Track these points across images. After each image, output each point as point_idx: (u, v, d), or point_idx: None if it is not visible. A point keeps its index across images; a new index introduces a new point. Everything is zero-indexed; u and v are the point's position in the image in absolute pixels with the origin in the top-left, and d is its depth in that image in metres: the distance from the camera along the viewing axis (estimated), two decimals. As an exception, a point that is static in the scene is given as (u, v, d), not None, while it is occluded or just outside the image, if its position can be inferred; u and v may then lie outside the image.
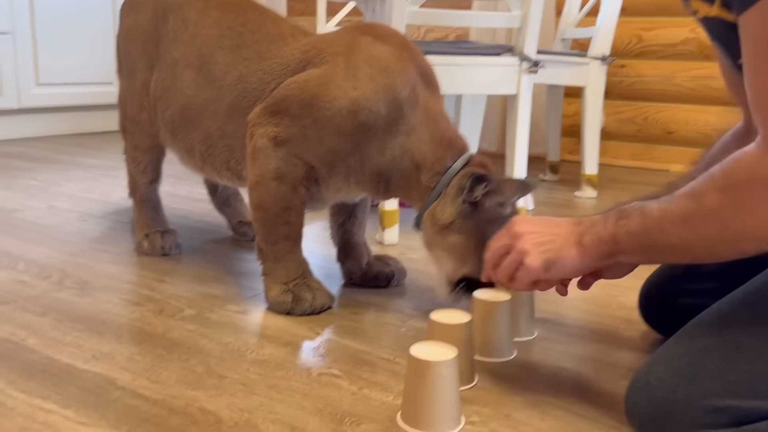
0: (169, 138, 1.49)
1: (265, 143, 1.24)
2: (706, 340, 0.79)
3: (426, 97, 1.24)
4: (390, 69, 1.21)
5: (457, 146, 1.23)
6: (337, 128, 1.20)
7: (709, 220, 0.76)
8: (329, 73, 1.21)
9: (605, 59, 2.33)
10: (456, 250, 1.19)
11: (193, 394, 0.95)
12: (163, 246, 1.58)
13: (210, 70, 1.37)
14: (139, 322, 1.20)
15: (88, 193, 2.23)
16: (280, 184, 1.23)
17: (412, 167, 1.22)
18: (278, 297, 1.25)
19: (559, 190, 2.61)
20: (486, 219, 1.17)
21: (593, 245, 0.87)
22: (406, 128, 1.21)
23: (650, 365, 0.82)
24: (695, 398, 0.75)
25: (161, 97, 1.46)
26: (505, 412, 0.94)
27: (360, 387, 0.99)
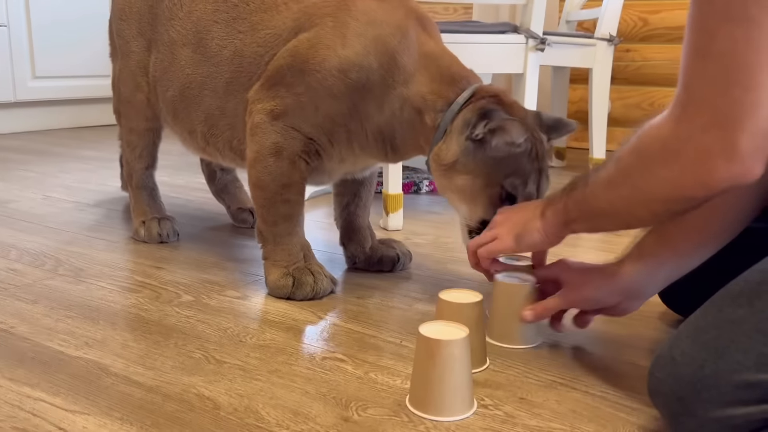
0: (171, 120, 1.44)
1: (262, 118, 1.19)
2: (735, 311, 0.73)
3: (423, 40, 1.18)
4: (378, 20, 1.16)
5: (462, 80, 1.15)
6: (330, 90, 1.15)
7: (624, 181, 0.81)
8: (318, 34, 1.17)
9: (612, 40, 2.27)
10: (465, 191, 1.11)
11: (190, 380, 0.91)
12: (160, 233, 1.53)
13: (206, 45, 1.32)
14: (134, 309, 1.15)
15: (85, 183, 2.18)
16: (278, 159, 1.18)
17: (414, 114, 1.15)
18: (278, 281, 1.20)
19: (566, 176, 2.54)
20: (494, 157, 1.08)
21: (551, 216, 0.95)
22: (404, 77, 1.15)
23: (675, 340, 0.76)
24: (725, 373, 0.70)
25: (161, 78, 1.42)
26: (519, 395, 0.89)
27: (366, 371, 0.94)
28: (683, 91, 0.72)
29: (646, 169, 0.77)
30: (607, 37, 2.27)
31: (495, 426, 0.81)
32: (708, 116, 0.69)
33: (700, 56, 0.70)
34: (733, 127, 0.68)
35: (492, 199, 1.10)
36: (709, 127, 0.69)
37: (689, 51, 0.71)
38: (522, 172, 1.09)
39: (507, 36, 1.76)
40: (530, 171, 1.09)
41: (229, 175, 1.72)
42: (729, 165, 0.69)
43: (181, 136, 1.45)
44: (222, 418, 0.81)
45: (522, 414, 0.84)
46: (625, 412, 0.84)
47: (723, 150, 0.69)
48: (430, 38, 1.20)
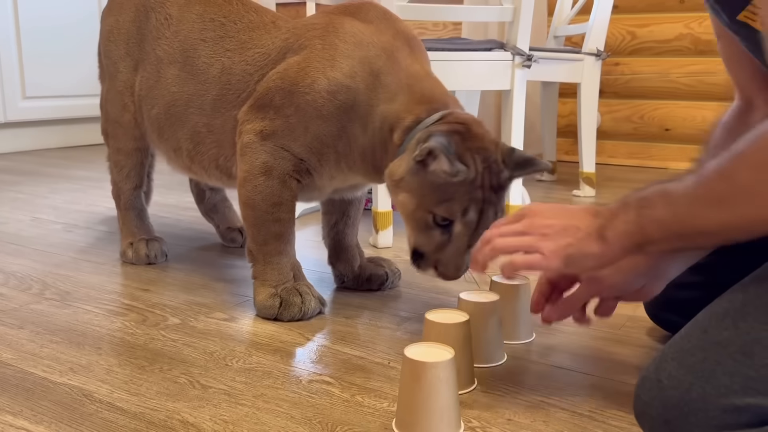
0: (156, 138, 1.44)
1: (251, 138, 1.20)
2: (720, 333, 0.72)
3: (409, 62, 1.18)
4: (364, 42, 1.17)
5: (437, 102, 1.12)
6: (320, 112, 1.15)
7: (747, 199, 0.71)
8: (307, 57, 1.18)
9: (599, 54, 2.29)
10: (403, 209, 1.09)
11: (174, 406, 0.90)
12: (148, 254, 1.52)
13: (193, 64, 1.32)
14: (120, 333, 1.14)
15: (74, 204, 2.17)
16: (268, 178, 1.19)
17: (388, 133, 1.14)
18: (266, 301, 1.19)
19: (557, 189, 2.56)
20: (432, 182, 1.04)
21: (617, 239, 0.80)
22: (387, 95, 1.14)
23: (660, 362, 0.75)
24: (712, 397, 0.69)
25: (146, 96, 1.42)
26: (506, 416, 0.88)
27: (353, 394, 0.94)
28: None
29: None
30: (594, 51, 2.29)
31: (482, 449, 0.80)
32: None
33: None
34: None
35: (420, 224, 1.07)
36: None
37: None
38: (461, 200, 1.04)
39: (493, 53, 1.76)
40: (473, 199, 1.04)
41: (218, 194, 1.72)
42: None
43: (167, 155, 1.45)
44: (206, 445, 0.81)
45: (509, 436, 0.83)
46: (612, 433, 0.84)
47: None
48: (416, 61, 1.20)
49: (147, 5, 1.44)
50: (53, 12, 3.39)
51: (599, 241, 0.81)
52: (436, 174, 1.03)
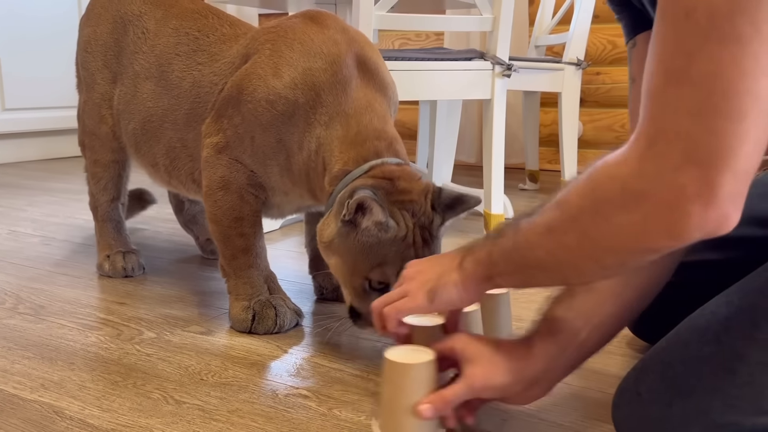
0: (134, 153, 1.43)
1: (209, 152, 1.19)
2: (702, 347, 0.70)
3: (354, 85, 1.10)
4: (313, 52, 1.12)
5: (370, 148, 1.05)
6: (260, 121, 1.13)
7: (570, 227, 0.66)
8: (254, 63, 1.16)
9: (580, 64, 2.30)
10: (336, 272, 1.06)
11: (147, 422, 0.88)
12: (125, 267, 1.50)
13: (168, 78, 1.31)
14: (94, 348, 1.12)
15: (52, 216, 2.14)
16: (226, 193, 1.17)
17: (322, 166, 1.09)
18: (239, 315, 1.18)
19: (540, 198, 2.56)
20: (364, 243, 1.00)
21: (472, 267, 0.77)
22: (325, 118, 1.09)
23: (639, 374, 0.74)
24: (692, 414, 0.67)
25: (124, 111, 1.41)
26: (485, 427, 0.87)
27: (330, 407, 0.92)
28: (650, 123, 0.59)
29: (599, 215, 0.63)
30: (575, 61, 2.30)
31: (460, 462, 0.79)
32: (682, 152, 0.56)
33: (675, 81, 0.57)
34: (715, 165, 0.55)
35: (357, 290, 1.03)
36: (684, 165, 0.56)
37: (659, 77, 0.58)
38: (394, 262, 0.99)
39: (474, 63, 1.76)
40: (405, 259, 0.97)
41: (197, 205, 1.70)
42: (705, 210, 0.56)
43: (146, 170, 1.44)
44: (178, 462, 0.79)
45: (487, 448, 0.82)
46: (592, 443, 0.83)
47: (699, 192, 0.56)
48: (364, 86, 1.12)
49: (125, 18, 1.42)
50: (33, 23, 3.36)
51: (458, 270, 0.79)
52: (367, 233, 0.99)
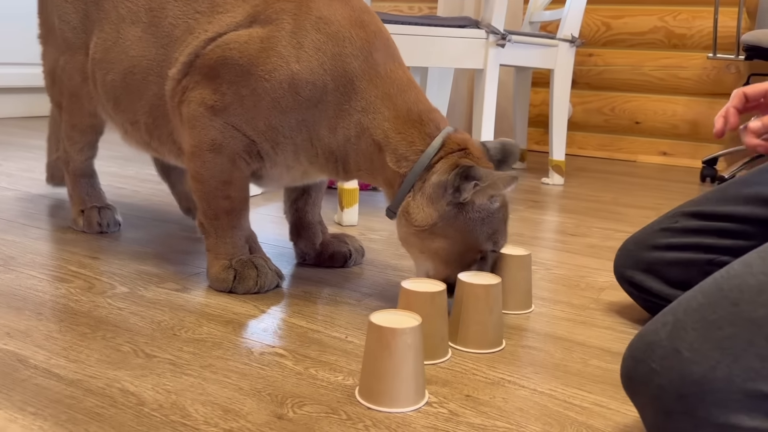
0: (111, 109, 1.31)
1: (201, 111, 1.11)
2: (756, 309, 0.64)
3: (390, 67, 1.09)
4: (341, 35, 1.07)
5: (430, 123, 1.07)
6: (278, 103, 1.07)
7: None
8: (272, 36, 1.08)
9: (574, 41, 2.26)
10: (439, 254, 1.04)
11: (115, 374, 0.84)
12: (100, 222, 1.45)
13: (159, 24, 1.20)
14: (63, 299, 1.08)
15: (29, 172, 2.08)
16: (217, 156, 1.11)
17: (373, 148, 1.08)
18: (219, 274, 1.14)
19: (527, 177, 2.54)
20: (474, 220, 1.02)
21: None
22: (362, 104, 1.07)
23: (675, 329, 0.66)
24: (738, 379, 0.62)
25: (101, 60, 1.29)
26: (465, 392, 0.84)
27: (306, 366, 0.89)
28: None
29: None
30: (569, 38, 2.26)
31: (438, 424, 0.77)
32: None
33: None
34: None
35: (466, 264, 1.04)
36: None
37: None
38: (500, 228, 1.05)
39: (467, 30, 1.72)
40: (505, 222, 1.06)
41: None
42: None
43: (122, 128, 1.33)
44: (145, 414, 0.76)
45: (467, 412, 0.80)
46: (573, 411, 0.81)
47: None
48: (399, 65, 1.11)
49: None
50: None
51: None
52: (480, 208, 1.02)
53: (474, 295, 0.96)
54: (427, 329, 0.91)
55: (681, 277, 1.03)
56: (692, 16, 2.93)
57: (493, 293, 0.96)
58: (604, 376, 0.91)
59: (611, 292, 1.26)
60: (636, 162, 3.09)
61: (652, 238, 1.08)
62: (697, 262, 1.02)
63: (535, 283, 1.28)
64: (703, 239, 1.02)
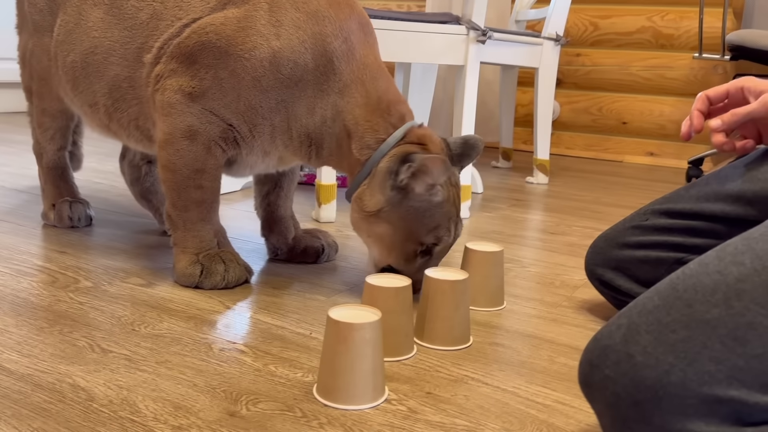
0: (70, 90, 1.28)
1: (178, 98, 1.09)
2: (709, 310, 0.62)
3: (364, 50, 1.10)
4: (320, 15, 1.07)
5: (395, 114, 1.09)
6: (257, 82, 1.06)
7: None
8: (249, 15, 1.07)
9: (559, 39, 2.25)
10: (383, 240, 1.08)
11: (67, 369, 0.82)
12: (71, 216, 1.43)
13: (121, 7, 1.18)
14: (24, 293, 1.06)
15: (5, 166, 2.05)
16: (192, 143, 1.10)
17: (343, 133, 1.09)
18: (186, 269, 1.12)
19: (512, 176, 2.52)
20: (417, 209, 1.05)
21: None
22: (339, 85, 1.07)
23: (629, 333, 0.64)
24: (693, 383, 0.60)
25: (63, 41, 1.27)
26: (426, 389, 0.83)
27: (265, 363, 0.87)
28: None
29: None
30: (554, 36, 2.25)
31: (395, 422, 0.75)
32: None
33: None
34: None
35: (408, 254, 1.07)
36: None
37: None
38: (444, 223, 1.07)
39: (448, 26, 1.71)
40: (450, 218, 1.08)
41: (155, 174, 1.50)
42: None
43: (81, 110, 1.30)
44: (93, 410, 0.73)
45: (426, 409, 0.78)
46: (535, 409, 0.79)
47: None
48: (370, 47, 1.12)
49: None
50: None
51: None
52: (420, 198, 1.04)
53: (440, 291, 0.94)
54: (391, 325, 0.89)
55: (650, 276, 1.01)
56: (680, 16, 2.93)
57: (459, 289, 0.95)
58: (569, 374, 0.89)
59: (585, 290, 1.24)
60: (623, 162, 3.08)
61: (622, 235, 1.06)
62: (665, 261, 1.01)
63: (509, 281, 1.27)
64: (672, 237, 1.01)
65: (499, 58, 2.08)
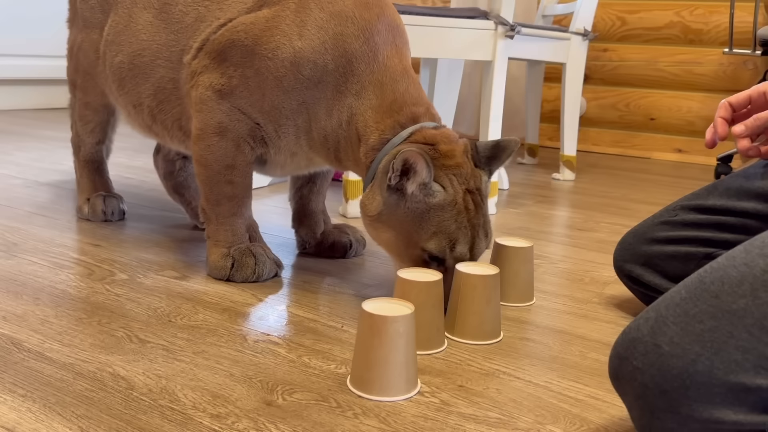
0: (116, 89, 1.32)
1: (209, 94, 1.11)
2: (735, 301, 0.63)
3: (389, 52, 1.08)
4: (344, 15, 1.07)
5: (406, 114, 1.03)
6: (280, 82, 1.07)
7: None
8: (277, 15, 1.08)
9: (586, 34, 2.24)
10: (390, 246, 1.03)
11: (107, 359, 0.84)
12: (105, 210, 1.45)
13: (170, 11, 1.21)
14: (62, 285, 1.08)
15: (38, 162, 2.10)
16: (222, 139, 1.11)
17: (355, 137, 1.06)
18: (218, 262, 1.14)
19: (537, 173, 2.52)
20: (414, 212, 0.98)
21: None
22: (357, 87, 1.05)
23: (657, 324, 0.65)
24: (719, 372, 0.61)
25: (113, 41, 1.30)
26: (458, 382, 0.83)
27: (299, 354, 0.89)
28: None
29: None
30: (581, 31, 2.24)
31: (428, 413, 0.76)
32: None
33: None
34: None
35: (415, 261, 1.01)
36: None
37: None
38: (448, 231, 0.98)
39: (476, 21, 1.71)
40: (459, 228, 0.98)
41: (188, 169, 1.51)
42: None
43: (125, 110, 1.34)
44: (133, 398, 0.75)
45: (459, 402, 0.79)
46: (568, 404, 0.80)
47: None
48: (396, 52, 1.08)
49: None
50: (31, -32, 3.28)
51: None
52: (415, 199, 0.98)
53: (471, 286, 0.95)
54: (422, 319, 0.90)
55: (679, 271, 1.00)
56: (709, 11, 2.89)
57: (490, 284, 0.95)
58: (602, 370, 0.89)
59: (615, 287, 1.24)
60: (650, 159, 3.05)
61: (651, 231, 1.06)
62: (695, 256, 1.00)
63: (538, 277, 1.27)
64: (701, 233, 1.00)
65: (526, 53, 2.07)
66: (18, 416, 0.70)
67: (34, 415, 0.71)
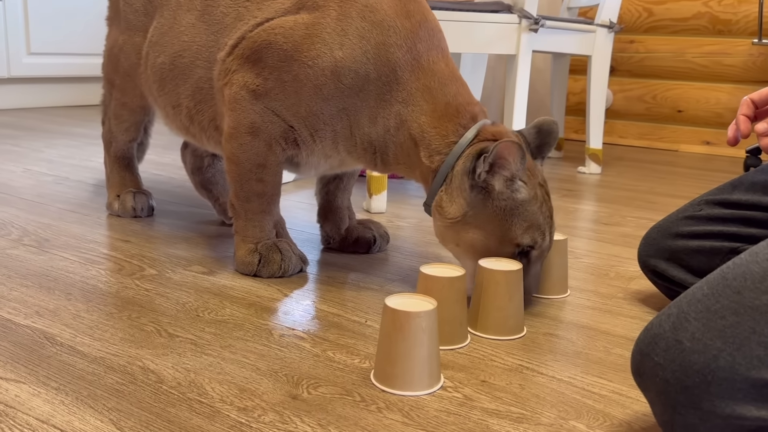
0: (156, 90, 1.33)
1: (243, 94, 1.12)
2: (758, 296, 0.62)
3: (433, 57, 1.08)
4: (386, 24, 1.07)
5: (465, 115, 1.05)
6: (319, 90, 1.07)
7: None
8: (317, 23, 1.08)
9: (612, 26, 2.21)
10: (475, 246, 1.02)
11: (137, 353, 0.86)
12: (134, 206, 1.48)
13: (212, 13, 1.22)
14: (93, 280, 1.11)
15: (69, 159, 2.14)
16: (254, 139, 1.12)
17: (410, 142, 1.07)
18: (245, 257, 1.15)
19: (563, 166, 2.50)
20: (504, 209, 0.99)
21: None
22: (403, 95, 1.06)
23: (678, 320, 0.65)
24: (741, 367, 0.60)
25: (156, 43, 1.31)
26: (481, 377, 0.84)
27: (324, 349, 0.90)
28: None
29: None
30: (607, 23, 2.21)
31: (451, 408, 0.76)
32: None
33: None
34: None
35: (506, 257, 1.01)
36: None
37: None
38: (538, 224, 1.01)
39: (500, 15, 1.70)
40: (545, 220, 1.02)
41: (217, 165, 1.54)
42: None
43: (164, 111, 1.35)
44: (163, 391, 0.77)
45: (482, 397, 0.79)
46: (591, 399, 0.80)
47: None
48: (442, 56, 1.09)
49: None
50: (60, -32, 3.34)
51: None
52: (502, 197, 0.99)
53: (494, 281, 0.95)
54: (446, 314, 0.90)
55: (704, 266, 1.00)
56: (738, 1, 2.84)
57: (513, 279, 0.95)
58: (626, 365, 0.89)
59: (641, 282, 1.23)
60: (678, 151, 3.01)
61: (675, 226, 1.05)
62: (720, 251, 0.99)
63: (562, 272, 1.26)
64: (727, 227, 1.00)
65: (551, 46, 2.05)
66: (52, 408, 0.73)
67: (67, 408, 0.73)
